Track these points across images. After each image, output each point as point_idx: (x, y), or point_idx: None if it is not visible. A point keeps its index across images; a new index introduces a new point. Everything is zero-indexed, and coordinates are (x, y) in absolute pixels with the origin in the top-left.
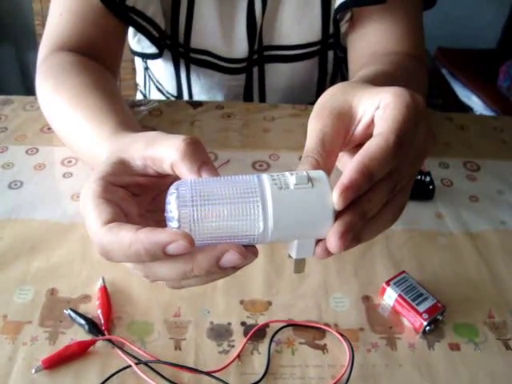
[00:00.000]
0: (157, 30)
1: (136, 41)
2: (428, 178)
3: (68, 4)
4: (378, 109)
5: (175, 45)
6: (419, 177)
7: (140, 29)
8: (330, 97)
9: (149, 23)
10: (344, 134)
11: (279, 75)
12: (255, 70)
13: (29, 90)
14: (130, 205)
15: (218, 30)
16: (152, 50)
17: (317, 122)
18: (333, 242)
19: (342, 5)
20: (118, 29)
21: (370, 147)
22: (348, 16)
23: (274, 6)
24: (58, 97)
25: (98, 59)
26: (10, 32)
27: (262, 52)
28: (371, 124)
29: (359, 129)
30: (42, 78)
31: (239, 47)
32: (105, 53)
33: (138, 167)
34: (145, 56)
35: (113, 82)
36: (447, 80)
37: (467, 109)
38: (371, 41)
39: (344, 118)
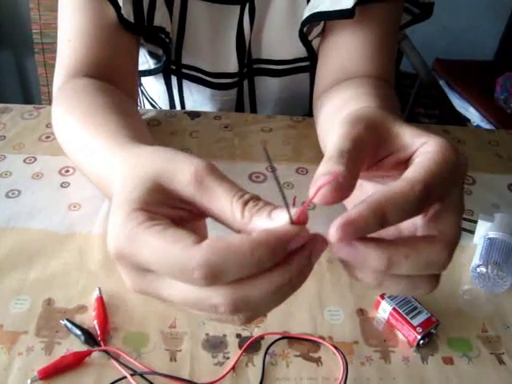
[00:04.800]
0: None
1: None
2: None
3: (76, 28)
4: (416, 153)
5: (166, 64)
6: None
7: (163, 45)
8: (368, 112)
9: (167, 37)
10: (373, 153)
11: (269, 88)
12: (245, 83)
13: (27, 97)
14: None
15: (209, 47)
16: (144, 67)
17: (350, 126)
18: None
19: (308, 18)
20: (132, 45)
21: (393, 189)
22: (317, 31)
23: (262, 21)
24: (69, 118)
25: (113, 81)
26: (8, 40)
27: (251, 65)
28: (402, 163)
29: (389, 160)
30: (55, 105)
31: (229, 63)
32: (119, 72)
33: (180, 200)
34: (138, 73)
35: (129, 102)
36: (444, 91)
37: (464, 120)
38: (342, 54)
39: (378, 136)
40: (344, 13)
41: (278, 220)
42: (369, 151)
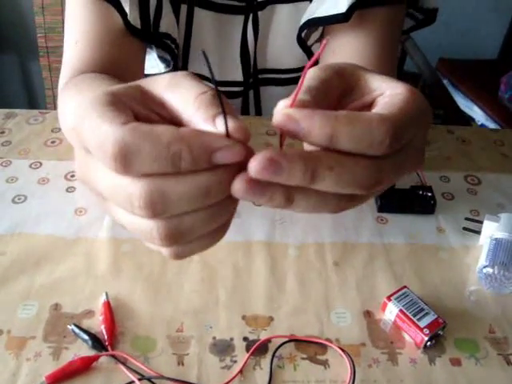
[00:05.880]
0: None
1: None
2: (429, 193)
3: (83, 30)
4: (384, 95)
5: (174, 69)
6: (420, 191)
7: (170, 51)
8: (340, 63)
9: (173, 43)
10: (340, 98)
11: (275, 98)
12: (251, 93)
13: (31, 101)
14: None
15: (214, 55)
16: (154, 70)
17: (319, 71)
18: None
19: (305, 23)
20: (138, 51)
21: (359, 115)
22: (316, 36)
23: (266, 32)
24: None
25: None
26: (13, 44)
27: (256, 75)
28: (367, 107)
29: (354, 105)
30: (62, 92)
31: (234, 72)
32: (124, 76)
33: (155, 103)
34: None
35: None
36: (449, 90)
37: (469, 119)
38: (340, 59)
39: (346, 82)
40: (338, 17)
41: (218, 127)
42: (335, 95)
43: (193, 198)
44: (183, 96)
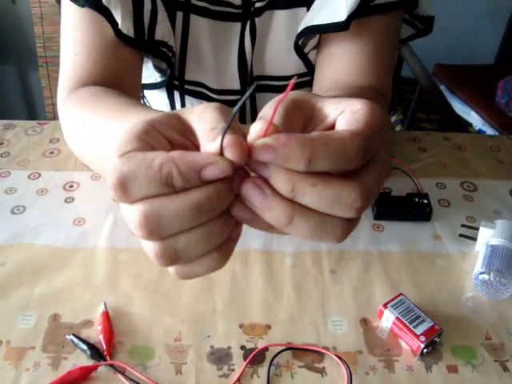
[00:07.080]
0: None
1: None
2: (425, 200)
3: (81, 42)
4: (343, 114)
5: (170, 77)
6: (416, 199)
7: (166, 59)
8: (291, 96)
9: (170, 51)
10: (302, 131)
11: None
12: (247, 100)
13: (31, 110)
14: None
15: (212, 63)
16: (150, 80)
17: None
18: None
19: (302, 31)
20: (135, 60)
21: (332, 135)
22: (313, 43)
23: (263, 38)
24: (91, 116)
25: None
26: (12, 54)
27: (253, 82)
28: (331, 129)
29: (318, 130)
30: (71, 111)
31: (232, 81)
32: (125, 85)
33: (189, 131)
34: (144, 87)
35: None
36: (445, 96)
37: (466, 125)
38: (335, 66)
39: (305, 113)
40: (337, 26)
41: (212, 146)
42: (299, 126)
43: (185, 216)
44: (204, 124)
